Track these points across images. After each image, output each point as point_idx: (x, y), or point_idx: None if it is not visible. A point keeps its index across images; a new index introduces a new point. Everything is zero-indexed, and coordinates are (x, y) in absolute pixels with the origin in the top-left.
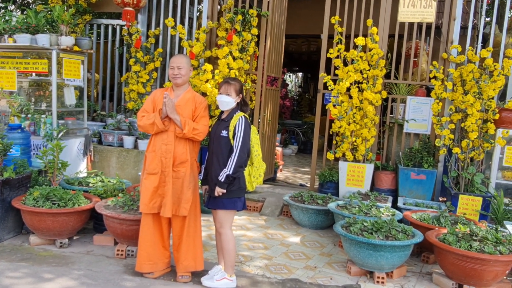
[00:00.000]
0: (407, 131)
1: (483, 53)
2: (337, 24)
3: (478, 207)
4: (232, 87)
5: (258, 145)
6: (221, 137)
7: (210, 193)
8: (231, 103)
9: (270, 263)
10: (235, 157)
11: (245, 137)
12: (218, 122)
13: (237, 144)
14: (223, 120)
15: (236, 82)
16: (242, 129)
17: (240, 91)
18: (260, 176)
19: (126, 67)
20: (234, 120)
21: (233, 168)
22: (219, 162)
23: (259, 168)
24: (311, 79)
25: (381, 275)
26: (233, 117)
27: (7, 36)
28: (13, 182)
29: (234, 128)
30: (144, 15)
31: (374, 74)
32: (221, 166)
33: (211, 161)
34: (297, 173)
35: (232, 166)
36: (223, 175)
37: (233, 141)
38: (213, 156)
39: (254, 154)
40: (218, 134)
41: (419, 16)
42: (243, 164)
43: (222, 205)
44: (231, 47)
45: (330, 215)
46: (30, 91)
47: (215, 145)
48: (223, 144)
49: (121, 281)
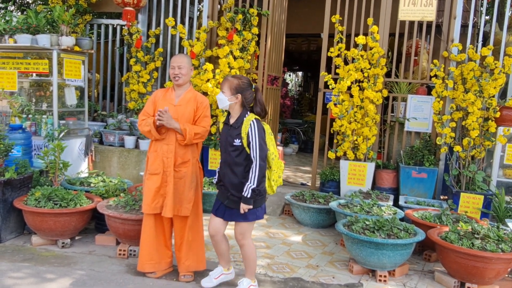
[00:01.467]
0: (408, 129)
1: (483, 51)
2: (338, 23)
3: (479, 205)
4: (227, 84)
5: (274, 146)
6: (235, 146)
7: (226, 203)
8: (224, 101)
9: (272, 262)
10: (256, 168)
11: (261, 143)
12: (227, 127)
13: (254, 153)
14: (233, 127)
15: (234, 79)
16: (256, 135)
17: (237, 89)
18: (280, 178)
19: (127, 67)
20: (246, 126)
21: (256, 180)
22: (236, 174)
23: (277, 170)
24: (311, 78)
25: (383, 273)
26: (243, 121)
27: (7, 36)
28: (15, 183)
29: (247, 135)
30: (145, 14)
31: (375, 73)
32: (239, 178)
33: (225, 171)
34: (298, 172)
35: (256, 178)
36: (248, 190)
37: (248, 149)
38: (226, 166)
39: (271, 157)
40: (230, 143)
41: (419, 14)
42: (264, 173)
43: (244, 217)
44: (232, 47)
45: (331, 214)
46: (31, 91)
47: (228, 155)
48: (238, 154)
49: (123, 281)
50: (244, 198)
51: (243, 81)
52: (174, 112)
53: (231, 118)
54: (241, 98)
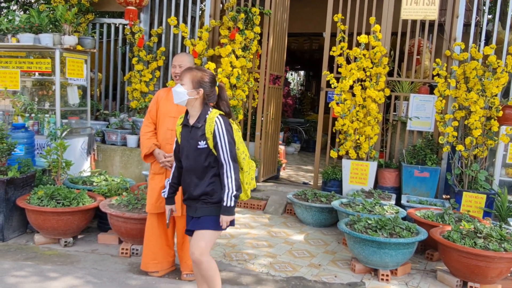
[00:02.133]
0: (410, 128)
1: (486, 50)
2: (340, 22)
3: (482, 204)
4: (188, 76)
5: (242, 144)
6: (200, 150)
7: (191, 214)
8: (182, 95)
9: (274, 261)
10: (231, 170)
11: (231, 143)
12: (187, 129)
13: (225, 155)
14: (194, 127)
15: (197, 71)
16: (224, 133)
17: (200, 83)
18: (253, 179)
19: (129, 66)
20: (210, 125)
21: (235, 184)
22: (205, 180)
23: (249, 171)
24: (313, 77)
25: (385, 272)
26: (206, 120)
27: (10, 35)
28: (18, 182)
29: (213, 134)
30: (147, 14)
31: (377, 72)
32: (210, 184)
33: (191, 181)
34: (300, 172)
35: (234, 182)
36: (230, 198)
37: (215, 151)
38: (191, 175)
39: (241, 157)
40: (193, 147)
41: (422, 13)
42: (238, 174)
43: (209, 224)
44: (234, 46)
45: (333, 213)
46: (33, 90)
47: (193, 161)
48: (203, 158)
49: (126, 280)
50: (227, 209)
51: (207, 74)
52: (176, 111)
53: (190, 117)
54: (203, 94)
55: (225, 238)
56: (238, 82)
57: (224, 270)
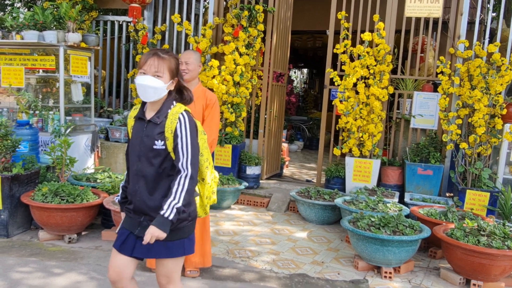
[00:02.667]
0: (413, 126)
1: (490, 48)
2: (344, 19)
3: (485, 202)
4: (166, 64)
5: (207, 150)
6: (156, 151)
7: (137, 233)
8: (161, 90)
9: (277, 258)
10: (186, 179)
11: (195, 146)
12: (142, 124)
13: (184, 161)
14: (152, 123)
15: (171, 57)
16: (187, 134)
17: (177, 71)
18: (214, 194)
19: (133, 64)
20: (172, 121)
21: (183, 196)
22: (157, 190)
23: (212, 183)
24: (316, 75)
25: (388, 270)
26: (168, 115)
27: (14, 33)
28: (22, 178)
29: (174, 134)
30: (150, 11)
31: (380, 70)
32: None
33: (139, 188)
34: (303, 169)
35: (183, 193)
36: (170, 209)
37: (173, 154)
38: (141, 180)
39: (204, 166)
40: (149, 147)
41: (426, 11)
42: (194, 188)
43: (167, 252)
44: (238, 43)
45: (337, 210)
46: (37, 87)
47: (145, 164)
48: (159, 162)
49: None
50: (162, 221)
51: (177, 57)
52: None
53: (148, 110)
54: (177, 83)
55: (229, 235)
56: (242, 80)
57: (228, 267)
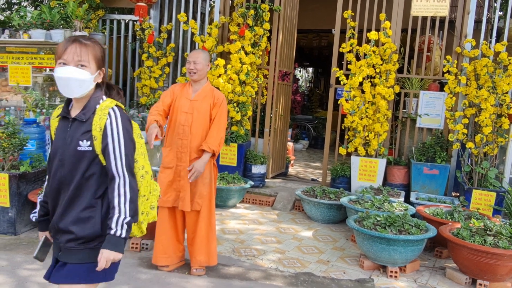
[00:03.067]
0: (420, 125)
1: (497, 47)
2: (350, 18)
3: (491, 202)
4: (90, 52)
5: (144, 157)
6: (80, 153)
7: (59, 256)
8: (88, 83)
9: (283, 257)
10: (125, 188)
11: (129, 147)
12: (66, 124)
13: (118, 164)
14: (78, 120)
15: (95, 44)
16: (120, 132)
17: (103, 61)
18: (153, 209)
19: (139, 62)
20: (101, 118)
21: (130, 207)
22: (80, 202)
23: (149, 196)
24: (321, 74)
25: (394, 269)
26: (96, 110)
27: (22, 31)
28: (30, 176)
29: (103, 133)
30: (157, 10)
31: (386, 69)
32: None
33: (59, 199)
34: (308, 168)
35: (127, 205)
36: (119, 226)
37: (103, 157)
38: (64, 189)
39: (139, 175)
40: (72, 149)
41: (432, 10)
42: (137, 194)
43: (85, 277)
44: (244, 42)
45: (342, 209)
46: (44, 86)
47: (67, 169)
48: (84, 166)
49: (136, 274)
50: (115, 240)
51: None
52: (189, 107)
53: (73, 108)
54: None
55: (234, 234)
56: (247, 79)
57: (233, 265)
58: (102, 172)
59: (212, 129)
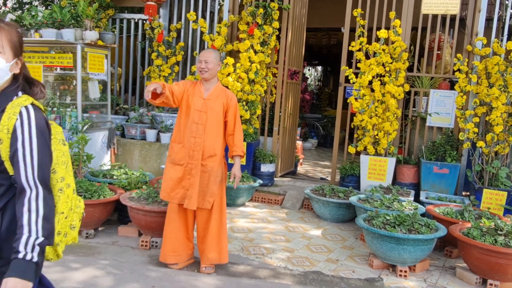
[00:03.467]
0: (430, 124)
1: (509, 45)
2: (359, 16)
3: (502, 201)
4: (5, 36)
5: (63, 166)
6: None
7: None
8: (2, 72)
9: (292, 256)
10: (37, 202)
11: (44, 154)
12: None
13: (29, 174)
14: None
15: (11, 28)
16: (32, 136)
17: (21, 48)
18: (74, 229)
19: (148, 61)
20: (11, 116)
21: (41, 226)
22: None
23: (70, 213)
24: (330, 72)
25: (403, 268)
26: (6, 109)
27: (33, 31)
28: None
29: (12, 135)
30: (166, 9)
31: (396, 67)
32: None
33: None
34: (317, 167)
35: (39, 223)
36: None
37: (11, 164)
38: None
39: (57, 188)
40: None
41: (443, 8)
42: (53, 210)
43: None
44: (253, 41)
45: (351, 208)
46: (55, 85)
47: None
48: None
49: (146, 271)
50: (24, 267)
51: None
52: (203, 105)
53: None
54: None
55: (243, 232)
56: (257, 77)
57: (242, 263)
58: (9, 185)
59: (237, 132)
